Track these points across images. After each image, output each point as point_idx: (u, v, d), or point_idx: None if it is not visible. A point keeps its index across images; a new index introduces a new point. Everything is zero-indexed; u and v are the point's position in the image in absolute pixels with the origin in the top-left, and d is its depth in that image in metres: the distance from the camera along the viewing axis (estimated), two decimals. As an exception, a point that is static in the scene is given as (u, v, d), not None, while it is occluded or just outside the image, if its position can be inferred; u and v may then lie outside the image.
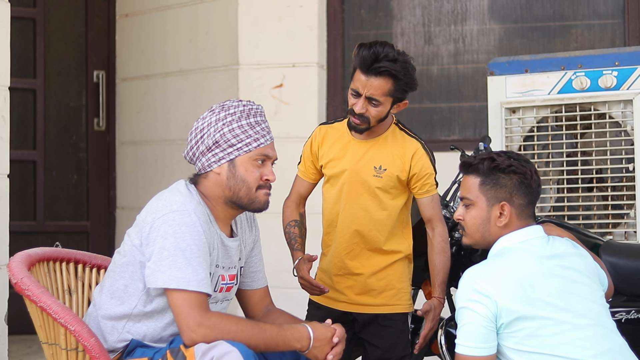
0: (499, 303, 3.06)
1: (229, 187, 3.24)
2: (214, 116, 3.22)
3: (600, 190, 4.41)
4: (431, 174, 3.78)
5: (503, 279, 3.10)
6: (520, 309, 3.06)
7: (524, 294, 3.08)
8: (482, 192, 3.25)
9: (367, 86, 3.62)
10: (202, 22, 6.23)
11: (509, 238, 3.24)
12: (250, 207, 3.30)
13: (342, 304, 3.83)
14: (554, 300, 3.09)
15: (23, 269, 3.17)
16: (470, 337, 3.09)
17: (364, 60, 3.60)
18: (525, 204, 3.25)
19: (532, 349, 3.09)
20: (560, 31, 5.91)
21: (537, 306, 3.08)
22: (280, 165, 5.71)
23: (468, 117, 6.02)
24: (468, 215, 3.30)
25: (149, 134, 6.48)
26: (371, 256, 3.80)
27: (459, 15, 6.04)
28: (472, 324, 3.08)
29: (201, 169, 3.25)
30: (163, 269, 3.05)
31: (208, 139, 3.21)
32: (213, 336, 2.98)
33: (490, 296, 3.06)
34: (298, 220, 3.91)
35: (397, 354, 3.82)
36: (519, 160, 3.27)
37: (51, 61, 6.51)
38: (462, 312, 3.12)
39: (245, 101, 3.27)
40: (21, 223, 6.12)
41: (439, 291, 3.76)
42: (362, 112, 3.66)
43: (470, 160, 3.31)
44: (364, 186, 3.76)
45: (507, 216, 3.23)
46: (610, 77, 4.38)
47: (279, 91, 6.00)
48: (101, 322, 3.20)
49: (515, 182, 3.23)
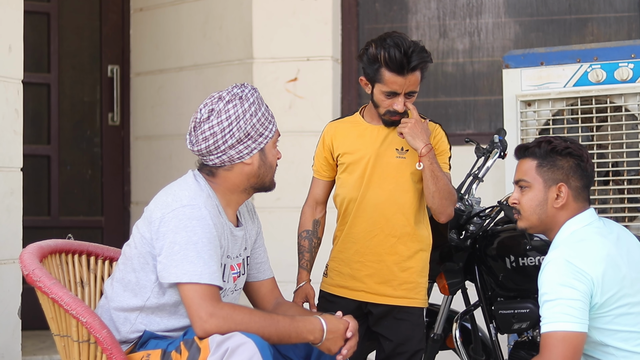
0: (596, 282, 3.09)
1: (258, 175, 3.25)
2: (239, 108, 3.18)
3: (616, 183, 4.37)
4: (447, 152, 3.81)
5: (595, 258, 3.13)
6: (614, 288, 3.12)
7: (614, 274, 3.13)
8: (539, 174, 3.30)
9: (407, 84, 3.64)
10: (216, 16, 6.21)
11: (574, 222, 3.28)
12: (267, 188, 3.35)
13: (360, 293, 3.80)
14: (638, 280, 3.17)
15: (35, 260, 3.16)
16: (568, 312, 3.08)
17: (399, 63, 3.59)
18: (581, 186, 3.30)
19: (624, 328, 3.15)
20: (576, 24, 5.88)
21: (626, 285, 3.14)
22: (294, 160, 5.75)
23: (483, 111, 5.98)
24: (524, 197, 3.33)
25: (163, 128, 6.47)
26: (396, 243, 3.77)
27: (474, 8, 6.01)
28: (571, 299, 3.08)
29: (226, 161, 3.22)
30: (175, 263, 3.04)
31: (239, 131, 3.17)
32: (226, 327, 2.96)
33: (586, 274, 3.09)
34: (310, 230, 3.90)
35: (412, 347, 3.79)
36: (575, 144, 3.31)
37: (65, 56, 6.50)
38: (557, 289, 3.10)
39: (248, 86, 3.25)
40: (35, 218, 6.11)
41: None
42: (405, 109, 3.68)
43: (527, 144, 3.37)
44: (387, 169, 3.76)
45: (564, 197, 3.27)
46: (626, 70, 4.35)
47: (293, 85, 5.98)
48: (113, 314, 3.19)
49: (572, 164, 3.28)
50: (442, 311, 4.08)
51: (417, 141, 3.64)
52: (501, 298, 3.91)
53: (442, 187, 3.65)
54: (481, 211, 3.98)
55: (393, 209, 3.76)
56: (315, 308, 3.78)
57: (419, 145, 3.64)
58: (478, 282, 3.99)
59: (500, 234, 3.90)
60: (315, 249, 3.91)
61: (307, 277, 3.84)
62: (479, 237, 3.96)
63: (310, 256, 3.88)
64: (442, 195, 3.67)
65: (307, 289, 3.82)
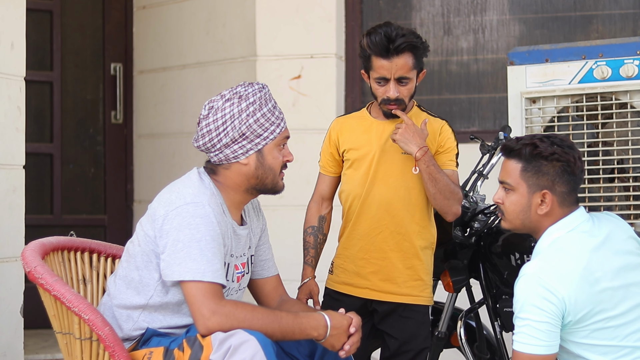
0: (568, 302, 3.01)
1: (256, 176, 3.22)
2: (235, 107, 3.17)
3: (622, 180, 4.34)
4: (454, 149, 3.78)
5: (568, 276, 3.04)
6: (589, 305, 3.03)
7: (590, 289, 3.04)
8: (523, 178, 3.20)
9: (394, 68, 3.61)
10: (219, 13, 6.20)
11: (557, 228, 3.18)
12: (272, 191, 3.31)
13: (365, 291, 3.78)
14: (617, 291, 3.07)
15: (37, 257, 3.15)
16: (535, 334, 3.02)
17: (380, 45, 3.59)
18: (568, 191, 3.19)
19: (601, 342, 3.07)
20: (581, 21, 5.85)
21: (604, 300, 3.05)
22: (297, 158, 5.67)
23: (488, 109, 5.97)
24: (508, 200, 3.24)
25: (166, 126, 6.45)
26: (401, 240, 3.75)
27: (478, 5, 5.99)
28: (539, 322, 3.02)
29: (223, 160, 3.20)
30: (178, 261, 3.03)
31: (233, 131, 3.16)
32: (229, 324, 2.95)
33: (557, 294, 3.01)
34: (316, 226, 3.88)
35: (417, 345, 3.78)
36: (562, 147, 3.20)
37: (68, 54, 6.49)
38: (527, 309, 3.03)
39: (256, 85, 3.23)
40: (38, 216, 6.11)
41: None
42: (397, 95, 3.65)
43: (512, 145, 3.25)
44: (393, 165, 3.73)
45: (548, 204, 3.17)
46: (631, 66, 4.32)
47: (297, 83, 5.96)
48: (116, 311, 3.18)
49: (557, 169, 3.17)
50: (447, 309, 4.07)
51: (410, 146, 3.62)
52: (506, 296, 3.89)
53: (442, 187, 3.63)
54: (486, 208, 3.96)
55: (398, 205, 3.74)
56: (319, 305, 3.77)
57: (412, 150, 3.62)
58: (483, 279, 3.97)
59: (505, 231, 3.88)
60: (321, 245, 3.89)
61: (312, 274, 3.83)
62: (483, 235, 3.95)
63: (315, 252, 3.86)
64: (444, 195, 3.64)
65: (310, 286, 3.81)
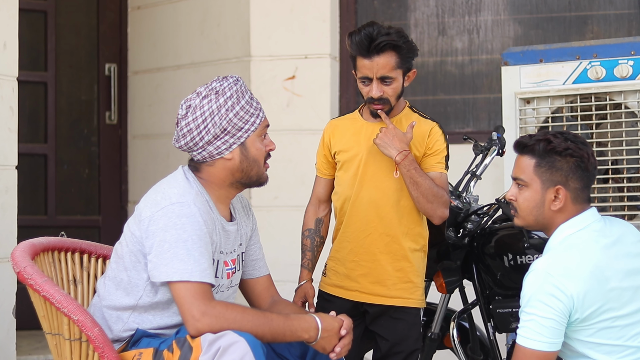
0: (576, 298, 3.01)
1: (241, 169, 3.21)
2: (213, 103, 3.16)
3: (616, 181, 4.34)
4: (443, 152, 3.73)
5: (578, 272, 3.05)
6: (597, 303, 3.03)
7: (600, 287, 3.04)
8: (537, 174, 3.20)
9: (375, 67, 3.59)
10: (213, 14, 6.19)
11: (569, 226, 3.18)
12: (256, 183, 3.30)
13: (355, 293, 3.77)
14: (626, 291, 3.07)
15: (26, 258, 3.14)
16: (539, 330, 3.03)
17: (361, 44, 3.58)
18: (581, 187, 3.19)
19: (606, 341, 3.07)
20: (575, 22, 5.85)
21: (612, 299, 3.05)
22: (292, 159, 5.73)
23: (482, 109, 5.96)
24: (521, 196, 3.24)
25: (160, 127, 6.44)
26: (390, 242, 3.73)
27: (473, 5, 5.98)
28: (545, 318, 3.02)
29: (207, 157, 3.20)
30: (165, 262, 3.02)
31: (214, 127, 3.15)
32: (218, 325, 2.94)
33: (566, 292, 3.01)
34: (312, 229, 3.88)
35: (408, 347, 3.77)
36: (576, 143, 3.20)
37: (62, 54, 6.47)
38: (534, 304, 3.04)
39: (230, 78, 3.23)
40: (32, 217, 6.08)
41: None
42: (380, 94, 3.63)
43: (526, 141, 3.25)
44: (381, 167, 3.71)
45: (562, 200, 3.17)
46: (626, 67, 4.32)
47: (291, 83, 5.95)
48: (105, 312, 3.17)
49: (571, 165, 3.17)
50: (440, 310, 4.06)
51: (389, 149, 3.61)
52: (499, 297, 3.89)
53: (424, 191, 3.61)
54: (479, 209, 3.95)
55: (387, 207, 3.72)
56: (313, 308, 3.76)
57: (391, 154, 3.60)
58: (476, 280, 3.97)
59: (498, 232, 3.88)
60: (318, 247, 3.88)
61: (308, 277, 3.82)
62: (476, 235, 3.93)
63: (312, 255, 3.86)
64: (427, 199, 3.62)
65: (306, 288, 3.80)
